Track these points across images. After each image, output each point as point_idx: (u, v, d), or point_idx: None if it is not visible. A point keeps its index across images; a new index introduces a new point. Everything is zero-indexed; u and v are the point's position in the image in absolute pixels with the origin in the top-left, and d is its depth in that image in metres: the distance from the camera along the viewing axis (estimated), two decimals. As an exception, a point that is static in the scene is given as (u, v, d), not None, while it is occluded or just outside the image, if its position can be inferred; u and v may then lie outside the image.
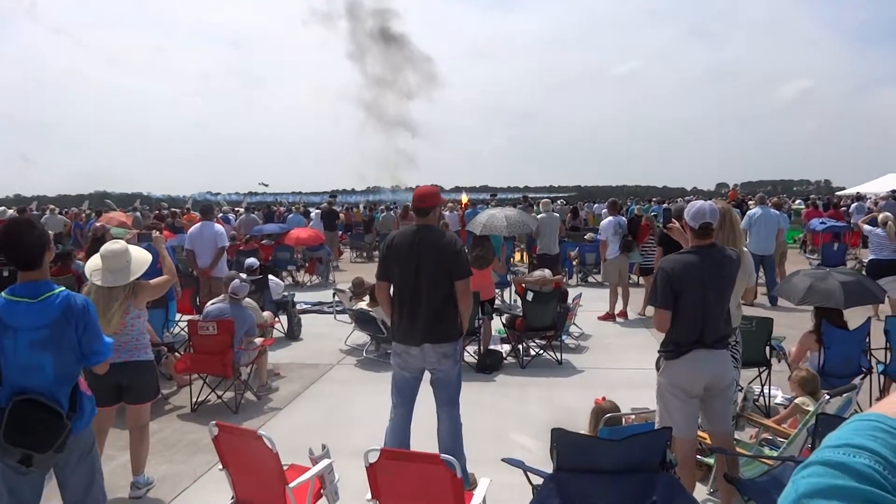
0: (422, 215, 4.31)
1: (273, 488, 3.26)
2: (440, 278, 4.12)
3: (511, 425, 5.58)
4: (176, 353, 6.80)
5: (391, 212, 23.07)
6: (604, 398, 4.14)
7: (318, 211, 20.10)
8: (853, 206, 21.59)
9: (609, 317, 9.85)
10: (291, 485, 3.19)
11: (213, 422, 3.40)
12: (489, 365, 7.23)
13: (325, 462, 3.42)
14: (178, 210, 23.63)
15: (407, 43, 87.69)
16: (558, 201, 23.80)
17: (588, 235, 14.74)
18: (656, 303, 3.71)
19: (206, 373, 6.13)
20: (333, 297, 10.25)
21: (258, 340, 6.51)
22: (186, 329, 6.47)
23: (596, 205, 29.21)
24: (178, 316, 8.13)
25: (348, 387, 6.79)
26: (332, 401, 6.35)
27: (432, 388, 4.30)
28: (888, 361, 5.51)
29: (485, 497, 3.13)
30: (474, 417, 5.50)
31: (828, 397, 3.90)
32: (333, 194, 32.28)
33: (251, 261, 8.96)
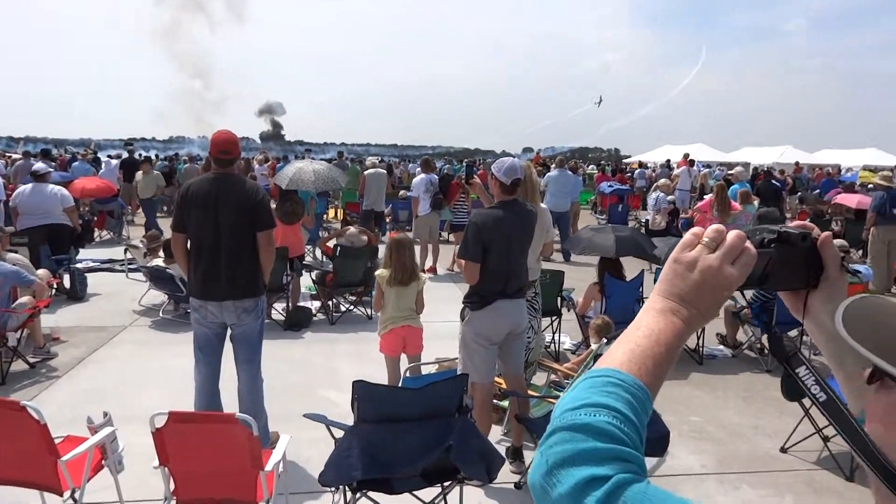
0: (224, 166, 3.99)
1: (42, 463, 2.91)
2: (241, 230, 3.88)
3: (319, 381, 5.53)
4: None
5: (195, 163, 21.43)
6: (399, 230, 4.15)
7: (108, 159, 18.07)
8: (636, 172, 24.18)
9: (419, 272, 10.06)
10: (65, 458, 2.88)
11: (-37, 394, 2.93)
12: (298, 322, 7.09)
13: (106, 430, 3.12)
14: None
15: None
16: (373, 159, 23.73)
17: (401, 193, 14.92)
18: (467, 255, 3.78)
19: (-37, 340, 5.29)
20: (125, 253, 9.39)
21: (26, 300, 5.72)
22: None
23: (411, 164, 29.61)
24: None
25: (142, 349, 6.27)
26: (122, 365, 5.83)
27: (231, 344, 4.08)
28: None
29: (284, 453, 3.05)
30: (283, 375, 5.37)
31: (605, 341, 4.33)
32: (130, 142, 29.12)
33: (39, 165, 8.56)
